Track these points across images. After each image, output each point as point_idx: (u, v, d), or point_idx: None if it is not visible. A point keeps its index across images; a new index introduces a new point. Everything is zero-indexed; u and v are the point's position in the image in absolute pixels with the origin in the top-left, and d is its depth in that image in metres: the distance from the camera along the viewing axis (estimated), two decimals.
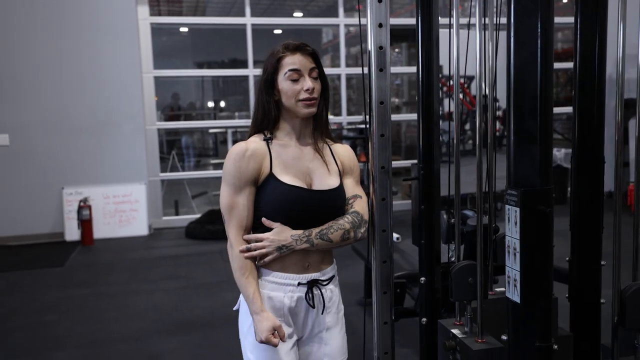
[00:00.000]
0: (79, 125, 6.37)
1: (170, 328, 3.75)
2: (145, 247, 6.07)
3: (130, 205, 6.50)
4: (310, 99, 1.63)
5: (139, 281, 4.82)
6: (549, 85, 1.53)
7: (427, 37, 2.15)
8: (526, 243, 1.54)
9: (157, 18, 6.92)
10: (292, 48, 1.65)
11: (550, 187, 1.55)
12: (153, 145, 6.76)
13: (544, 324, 1.59)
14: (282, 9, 8.81)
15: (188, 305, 4.19)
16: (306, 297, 1.66)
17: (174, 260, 5.46)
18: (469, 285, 1.93)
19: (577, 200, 2.11)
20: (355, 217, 1.70)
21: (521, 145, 1.56)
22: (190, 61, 10.06)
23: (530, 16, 1.51)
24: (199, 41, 9.86)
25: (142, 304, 4.24)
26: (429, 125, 2.17)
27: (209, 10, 8.83)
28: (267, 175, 1.63)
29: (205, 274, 4.96)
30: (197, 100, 11.21)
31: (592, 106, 2.07)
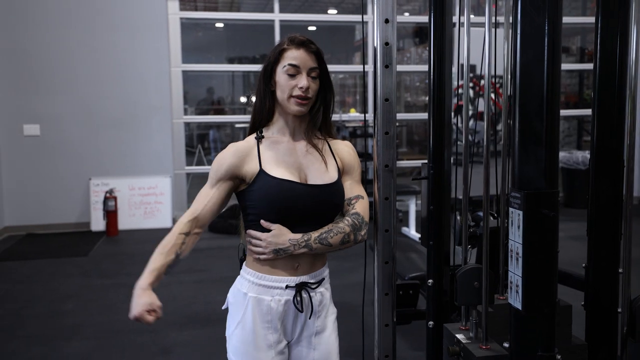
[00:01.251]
0: (107, 117, 6.49)
1: (184, 321, 3.78)
2: None
3: (155, 198, 6.58)
4: (303, 97, 1.59)
5: None
6: (555, 85, 1.46)
7: (440, 36, 2.10)
8: (529, 247, 1.49)
9: (186, 13, 6.97)
10: (297, 42, 1.62)
11: (555, 190, 1.49)
12: (179, 138, 6.82)
13: (546, 332, 1.54)
14: (316, 5, 8.80)
15: (204, 298, 4.21)
16: (294, 301, 1.61)
17: (194, 253, 5.38)
18: (475, 290, 1.88)
19: (595, 205, 2.04)
20: (356, 219, 1.65)
21: (526, 146, 1.51)
22: (223, 56, 10.13)
23: (538, 13, 1.45)
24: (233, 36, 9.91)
25: (159, 296, 4.22)
26: (440, 124, 2.12)
27: (244, 6, 8.86)
28: (257, 172, 1.60)
29: (224, 268, 4.99)
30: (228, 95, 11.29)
31: (612, 109, 2.00)
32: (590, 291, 2.08)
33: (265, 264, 1.61)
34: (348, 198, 1.70)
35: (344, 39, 10.28)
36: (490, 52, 1.88)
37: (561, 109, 2.10)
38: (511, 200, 1.53)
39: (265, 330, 1.62)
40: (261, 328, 1.62)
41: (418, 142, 9.68)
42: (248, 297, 1.62)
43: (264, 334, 1.62)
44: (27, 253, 5.61)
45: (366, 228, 1.66)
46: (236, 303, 1.66)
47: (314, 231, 1.60)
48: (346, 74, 9.65)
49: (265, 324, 1.61)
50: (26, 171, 6.38)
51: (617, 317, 2.04)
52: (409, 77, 9.65)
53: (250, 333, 1.61)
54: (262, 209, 1.59)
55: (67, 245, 5.87)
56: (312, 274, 1.65)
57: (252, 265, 1.65)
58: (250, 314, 1.61)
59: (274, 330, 1.62)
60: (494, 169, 1.97)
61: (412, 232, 5.99)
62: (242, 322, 1.63)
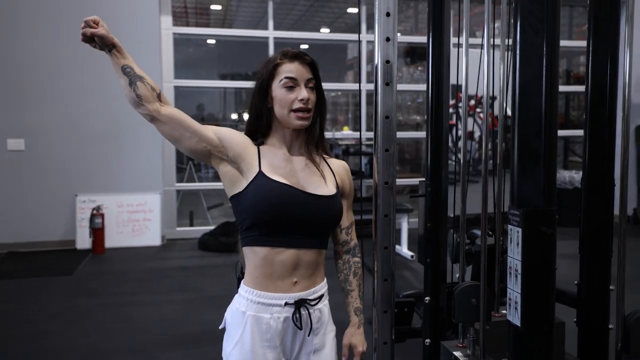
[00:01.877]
0: (95, 132, 6.42)
1: (175, 341, 3.73)
2: (156, 257, 6.08)
3: (144, 215, 6.53)
4: (305, 110, 1.58)
5: (147, 292, 4.81)
6: (553, 105, 1.49)
7: (438, 57, 2.14)
8: (528, 264, 1.50)
9: (179, 28, 7.00)
10: (291, 56, 1.61)
11: (553, 208, 1.52)
12: (170, 154, 6.80)
13: (545, 349, 1.55)
14: (309, 24, 8.87)
15: (195, 318, 4.16)
16: (293, 318, 1.59)
17: (184, 272, 5.46)
18: (472, 307, 1.89)
19: (587, 223, 2.07)
20: (359, 253, 1.78)
21: (525, 165, 1.53)
22: (215, 73, 10.14)
23: (536, 35, 1.48)
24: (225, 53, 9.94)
25: (148, 316, 4.22)
26: (437, 143, 2.15)
27: (236, 23, 8.91)
28: (256, 174, 1.57)
29: (215, 287, 4.94)
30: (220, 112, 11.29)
31: (603, 129, 2.04)
32: (582, 308, 2.11)
33: (263, 281, 1.60)
34: (346, 227, 1.73)
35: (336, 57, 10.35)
36: (482, 72, 1.92)
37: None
38: (510, 217, 1.55)
39: (264, 349, 1.59)
40: (260, 347, 1.59)
41: (409, 160, 9.73)
42: (247, 316, 1.60)
43: (262, 353, 1.59)
44: (9, 272, 5.49)
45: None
46: (234, 322, 1.63)
47: (354, 301, 1.75)
48: (339, 91, 9.69)
49: (264, 342, 1.59)
50: (9, 187, 6.27)
51: (609, 333, 2.06)
52: (400, 95, 9.75)
53: (249, 353, 1.59)
54: (258, 212, 1.55)
55: (51, 264, 5.77)
56: (311, 290, 1.63)
57: (250, 283, 1.62)
58: (249, 333, 1.59)
59: (273, 349, 1.60)
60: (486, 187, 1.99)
61: (404, 250, 6.00)
62: (240, 341, 1.60)
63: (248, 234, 1.60)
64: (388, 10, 1.74)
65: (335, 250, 1.77)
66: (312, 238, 1.61)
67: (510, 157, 1.57)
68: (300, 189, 1.59)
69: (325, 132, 1.74)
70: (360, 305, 1.74)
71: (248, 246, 1.62)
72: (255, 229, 1.58)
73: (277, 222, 1.56)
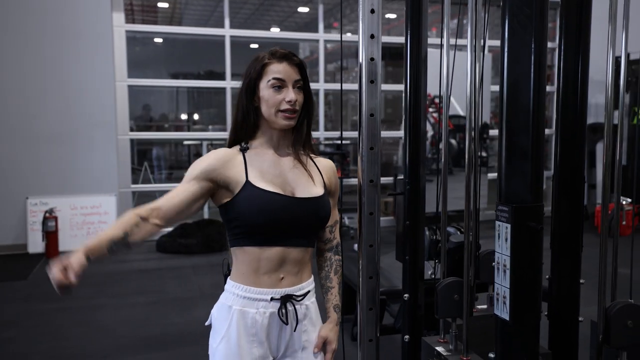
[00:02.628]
0: (46, 132, 6.20)
1: (139, 345, 3.64)
2: (114, 260, 5.89)
3: (99, 217, 6.35)
4: (291, 111, 1.58)
5: (106, 296, 4.67)
6: (541, 102, 1.52)
7: (416, 57, 2.15)
8: (516, 260, 1.53)
9: (132, 26, 6.84)
10: (279, 56, 1.60)
11: (541, 203, 1.55)
12: (125, 155, 6.63)
13: (532, 341, 1.58)
14: (259, 23, 8.82)
15: (158, 321, 4.07)
16: (279, 313, 1.59)
17: (143, 274, 5.33)
18: (455, 302, 1.91)
19: (558, 219, 2.12)
20: (339, 250, 1.76)
21: (513, 161, 1.56)
22: (163, 72, 9.93)
23: (524, 32, 1.51)
24: (172, 52, 9.75)
25: (109, 320, 4.10)
26: (415, 142, 2.17)
27: (185, 20, 8.76)
28: (244, 184, 1.56)
29: (176, 288, 4.85)
30: (171, 112, 11.08)
31: (574, 127, 2.09)
32: (553, 302, 2.16)
33: (250, 276, 1.59)
34: (330, 225, 1.73)
35: None
36: (443, 73, 1.94)
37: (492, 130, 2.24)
38: (498, 214, 1.57)
39: (250, 344, 1.58)
40: (246, 342, 1.58)
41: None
42: (233, 310, 1.59)
43: (249, 348, 1.58)
44: None
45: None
46: (220, 317, 1.62)
47: (334, 298, 1.73)
48: None
49: (250, 337, 1.58)
50: None
51: (579, 325, 2.12)
52: (353, 95, 9.79)
53: (235, 347, 1.58)
54: (249, 221, 1.56)
55: (3, 269, 5.55)
56: (297, 286, 1.63)
57: (236, 278, 1.61)
58: (235, 327, 1.58)
59: (259, 345, 1.59)
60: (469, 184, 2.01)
61: None
62: (226, 336, 1.59)
63: (237, 236, 1.60)
64: (372, 7, 1.73)
65: (317, 247, 1.76)
66: (300, 237, 1.62)
67: (498, 154, 1.60)
68: (288, 195, 1.59)
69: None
70: (339, 302, 1.74)
71: (237, 246, 1.61)
72: (245, 233, 1.58)
73: (267, 229, 1.57)
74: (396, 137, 8.28)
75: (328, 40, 7.48)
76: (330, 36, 7.41)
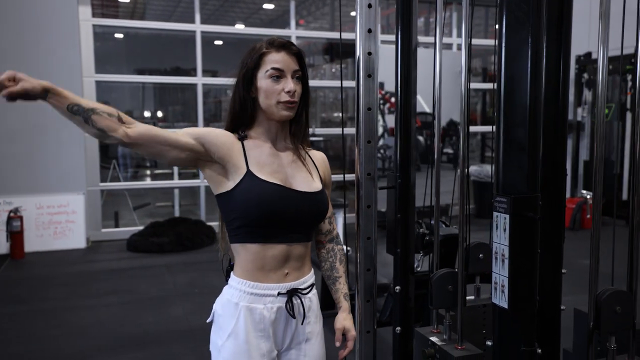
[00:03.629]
0: (10, 129, 6.01)
1: (117, 345, 3.58)
2: (83, 260, 5.79)
3: (66, 217, 6.20)
4: (291, 102, 1.55)
5: (79, 296, 4.58)
6: (538, 96, 1.57)
7: (406, 56, 2.18)
8: (515, 249, 1.57)
9: (100, 20, 6.70)
10: (278, 45, 1.56)
11: (537, 194, 1.60)
12: (93, 153, 6.49)
13: (529, 328, 1.63)
14: (223, 19, 8.75)
15: (135, 321, 4.01)
16: (286, 307, 1.59)
17: (116, 274, 5.23)
18: (449, 293, 1.95)
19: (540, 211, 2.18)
20: (341, 245, 1.78)
21: (510, 153, 1.60)
22: (124, 69, 9.75)
23: (521, 27, 1.55)
24: (134, 48, 9.57)
25: (84, 321, 4.02)
26: (406, 138, 2.20)
27: (148, 16, 8.62)
28: (245, 173, 1.53)
29: (151, 288, 4.78)
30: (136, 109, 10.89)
31: (555, 122, 2.16)
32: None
33: (255, 273, 1.58)
34: (328, 217, 1.73)
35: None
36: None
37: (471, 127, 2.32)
38: (496, 205, 1.61)
39: (258, 340, 1.58)
40: (254, 337, 1.57)
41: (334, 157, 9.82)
42: (240, 307, 1.57)
43: (257, 343, 1.58)
44: None
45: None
46: (226, 314, 1.60)
47: (342, 287, 1.73)
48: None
49: (258, 332, 1.57)
50: None
51: (560, 314, 2.20)
52: (322, 92, 9.82)
53: (243, 343, 1.57)
54: (249, 213, 1.53)
55: None
56: (301, 280, 1.63)
57: (241, 274, 1.59)
58: (243, 324, 1.57)
59: (267, 339, 1.58)
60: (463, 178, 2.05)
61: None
62: (234, 332, 1.57)
63: (238, 231, 1.57)
64: (370, 2, 1.75)
65: (317, 240, 1.76)
66: (301, 233, 1.61)
67: (495, 146, 1.64)
68: (289, 188, 1.58)
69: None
70: (347, 290, 1.75)
71: (238, 242, 1.59)
72: (245, 227, 1.56)
73: (267, 222, 1.54)
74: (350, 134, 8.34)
75: (300, 37, 7.48)
76: (302, 32, 7.42)
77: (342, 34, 2.13)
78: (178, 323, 3.93)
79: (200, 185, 7.25)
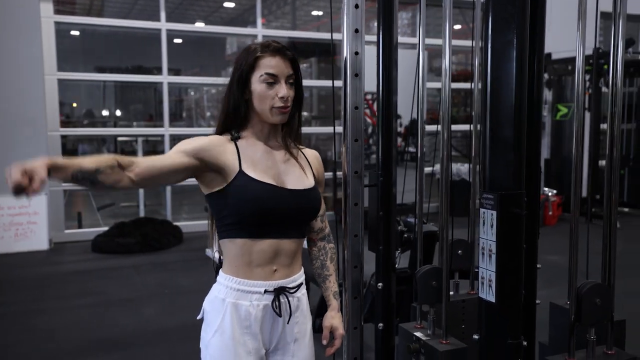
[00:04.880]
0: None
1: (93, 347, 3.51)
2: (48, 262, 5.65)
3: (28, 218, 6.02)
4: (284, 108, 1.57)
5: (46, 299, 4.46)
6: (523, 95, 1.62)
7: (388, 56, 2.22)
8: (502, 244, 1.62)
9: (62, 17, 6.53)
10: (273, 50, 1.57)
11: (523, 191, 1.65)
12: (56, 152, 6.33)
13: (517, 321, 1.68)
14: (183, 17, 8.63)
15: (107, 322, 3.94)
16: (272, 305, 1.59)
17: (83, 275, 5.12)
18: (433, 289, 1.99)
19: None
20: (332, 244, 1.78)
21: (497, 152, 1.65)
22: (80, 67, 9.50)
23: (506, 28, 1.60)
24: (91, 46, 9.32)
25: (54, 324, 3.92)
26: (388, 137, 2.23)
27: (106, 12, 8.42)
28: (237, 173, 1.54)
29: (120, 289, 4.70)
30: (96, 108, 10.64)
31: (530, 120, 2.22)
32: None
33: (243, 269, 1.58)
34: (320, 215, 1.74)
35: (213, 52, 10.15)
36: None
37: (427, 125, 2.39)
38: (483, 201, 1.66)
39: (244, 337, 1.58)
40: (240, 334, 1.58)
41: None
42: (226, 303, 1.57)
43: (243, 341, 1.58)
44: None
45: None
46: (213, 310, 1.60)
47: (332, 285, 1.74)
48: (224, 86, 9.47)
49: (243, 329, 1.57)
50: None
51: (535, 308, 2.27)
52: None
53: (229, 339, 1.57)
54: (241, 211, 1.54)
55: None
56: (290, 278, 1.64)
57: (229, 271, 1.60)
58: (229, 320, 1.57)
59: (253, 337, 1.59)
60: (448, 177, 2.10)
61: (215, 254, 5.79)
62: (220, 328, 1.58)
63: (228, 227, 1.58)
64: (357, 2, 1.77)
65: (309, 238, 1.77)
66: (293, 229, 1.62)
67: (481, 144, 1.68)
68: (281, 186, 1.59)
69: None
70: (337, 289, 1.77)
71: (228, 238, 1.59)
72: (236, 224, 1.56)
73: (259, 219, 1.56)
74: (330, 133, 8.38)
75: (267, 36, 7.45)
76: (269, 32, 7.40)
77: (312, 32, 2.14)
78: (151, 324, 3.88)
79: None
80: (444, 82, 2.01)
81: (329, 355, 1.72)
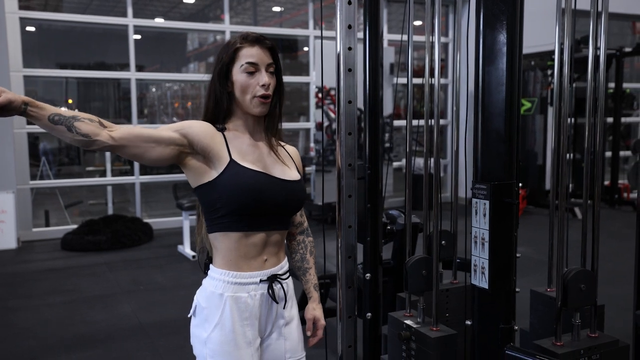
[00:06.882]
0: None
1: (68, 344, 3.46)
2: (17, 261, 5.52)
3: None
4: (265, 96, 1.59)
5: (19, 297, 4.38)
6: (514, 89, 1.68)
7: (374, 51, 2.26)
8: (495, 233, 1.68)
9: (27, 12, 6.37)
10: (251, 40, 1.59)
11: (514, 181, 1.71)
12: (22, 150, 6.19)
13: (509, 307, 1.75)
14: (142, 13, 8.51)
15: (82, 319, 3.89)
16: (268, 293, 1.62)
17: (54, 273, 5.03)
18: (423, 278, 2.04)
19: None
20: (311, 237, 1.83)
21: (489, 143, 1.71)
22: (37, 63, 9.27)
23: (499, 26, 1.66)
24: (49, 42, 9.11)
25: (29, 321, 3.86)
26: (375, 131, 2.28)
27: (65, 7, 8.23)
28: (228, 162, 1.55)
29: (94, 286, 4.64)
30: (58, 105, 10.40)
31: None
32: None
33: (238, 262, 1.60)
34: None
35: (173, 48, 10.04)
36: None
37: (396, 120, 2.44)
38: (475, 191, 1.72)
39: (243, 328, 1.60)
40: (240, 326, 1.60)
41: None
42: (225, 297, 1.59)
43: (242, 332, 1.60)
44: None
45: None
46: (211, 306, 1.61)
47: (312, 278, 1.80)
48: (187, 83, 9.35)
49: (243, 321, 1.60)
50: None
51: (515, 297, 2.35)
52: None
53: (230, 332, 1.59)
54: (234, 200, 1.54)
55: None
56: (279, 265, 1.67)
57: (223, 266, 1.61)
58: (229, 314, 1.59)
59: (252, 327, 1.61)
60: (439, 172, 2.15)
61: (186, 250, 5.63)
62: (220, 323, 1.59)
63: (221, 220, 1.58)
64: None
65: (289, 232, 1.81)
66: (281, 221, 1.66)
67: (474, 138, 1.74)
68: (272, 175, 1.61)
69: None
70: (317, 281, 1.82)
71: (220, 231, 1.59)
72: (230, 216, 1.57)
73: (252, 210, 1.57)
74: (295, 128, 8.41)
75: (234, 32, 7.43)
76: (238, 28, 7.37)
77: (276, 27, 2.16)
78: (128, 320, 3.85)
79: (135, 182, 7.05)
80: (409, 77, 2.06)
81: (312, 345, 1.77)
